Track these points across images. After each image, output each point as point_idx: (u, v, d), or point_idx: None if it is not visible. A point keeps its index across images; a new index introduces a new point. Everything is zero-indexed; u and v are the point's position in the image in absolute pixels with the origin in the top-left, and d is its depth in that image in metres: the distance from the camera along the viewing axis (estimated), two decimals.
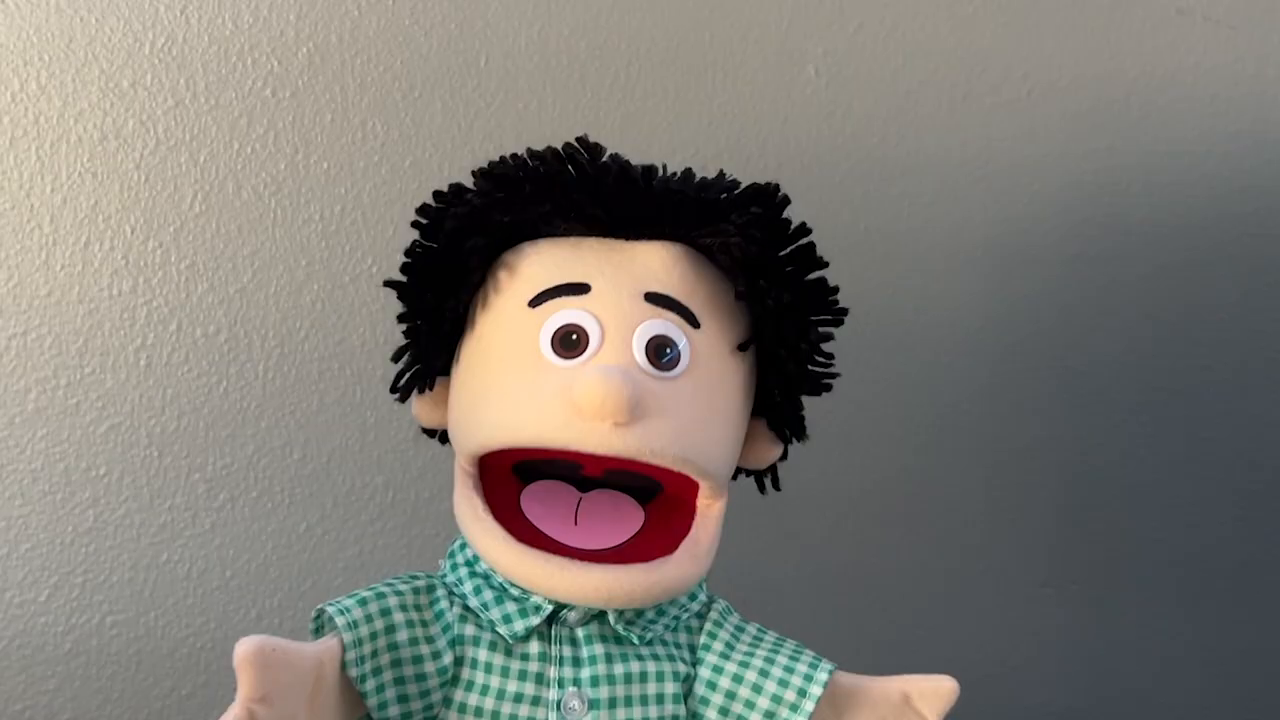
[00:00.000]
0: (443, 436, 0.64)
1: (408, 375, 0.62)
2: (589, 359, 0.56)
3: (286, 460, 0.88)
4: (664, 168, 0.60)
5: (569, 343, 0.56)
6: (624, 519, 0.58)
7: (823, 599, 0.94)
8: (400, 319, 0.62)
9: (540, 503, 0.58)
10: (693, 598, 0.61)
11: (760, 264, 0.58)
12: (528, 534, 0.56)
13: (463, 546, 0.60)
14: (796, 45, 0.93)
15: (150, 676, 0.87)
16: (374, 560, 0.89)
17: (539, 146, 0.60)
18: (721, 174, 0.60)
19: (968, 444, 0.96)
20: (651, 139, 0.90)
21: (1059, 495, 0.98)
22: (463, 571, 0.59)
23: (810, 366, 0.61)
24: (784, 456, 0.64)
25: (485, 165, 0.60)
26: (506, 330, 0.58)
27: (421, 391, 0.61)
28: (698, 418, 0.57)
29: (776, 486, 0.64)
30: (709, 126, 0.92)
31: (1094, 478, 0.98)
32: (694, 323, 0.57)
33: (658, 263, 0.58)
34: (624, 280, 0.57)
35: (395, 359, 0.62)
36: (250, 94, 0.86)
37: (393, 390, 0.62)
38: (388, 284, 0.61)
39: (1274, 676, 1.01)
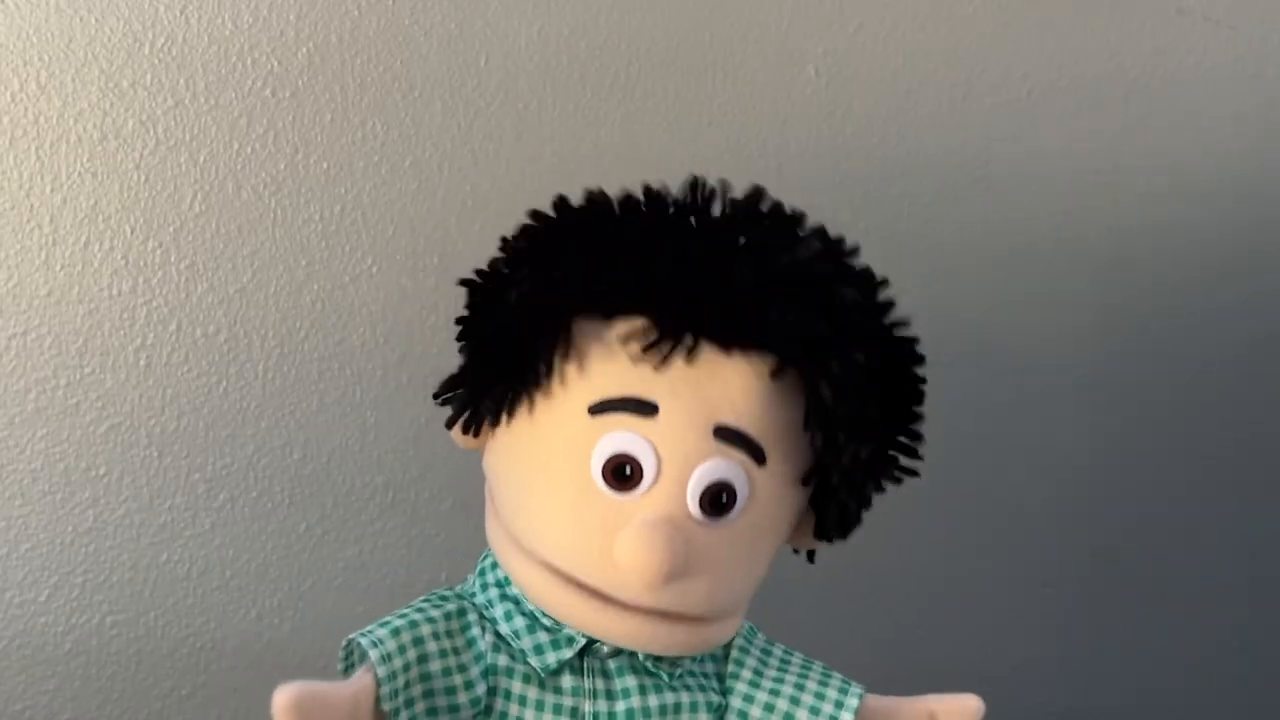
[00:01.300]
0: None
1: (459, 415, 0.57)
2: (640, 497, 0.53)
3: (286, 460, 0.88)
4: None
5: (621, 475, 0.53)
6: None
7: (823, 599, 0.94)
8: (467, 351, 0.57)
9: None
10: None
11: (867, 398, 0.54)
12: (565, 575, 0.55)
13: (494, 565, 0.59)
14: (796, 45, 0.93)
15: (150, 676, 0.87)
16: (374, 560, 0.89)
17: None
18: (832, 259, 0.56)
19: (967, 444, 0.96)
20: (651, 139, 0.90)
21: (1059, 495, 0.98)
22: (493, 593, 0.58)
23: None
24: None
25: (573, 209, 0.55)
26: (562, 435, 0.54)
27: (465, 433, 0.57)
28: (738, 569, 0.55)
29: (811, 560, 0.63)
30: (709, 126, 0.92)
31: (1093, 478, 0.98)
32: (761, 460, 0.54)
33: (739, 389, 0.53)
34: (695, 406, 0.53)
35: (446, 387, 0.57)
36: (250, 94, 0.86)
37: (436, 397, 0.58)
38: (459, 323, 0.56)
39: (1274, 676, 1.01)
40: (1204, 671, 1.00)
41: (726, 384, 0.53)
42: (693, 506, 0.53)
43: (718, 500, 0.53)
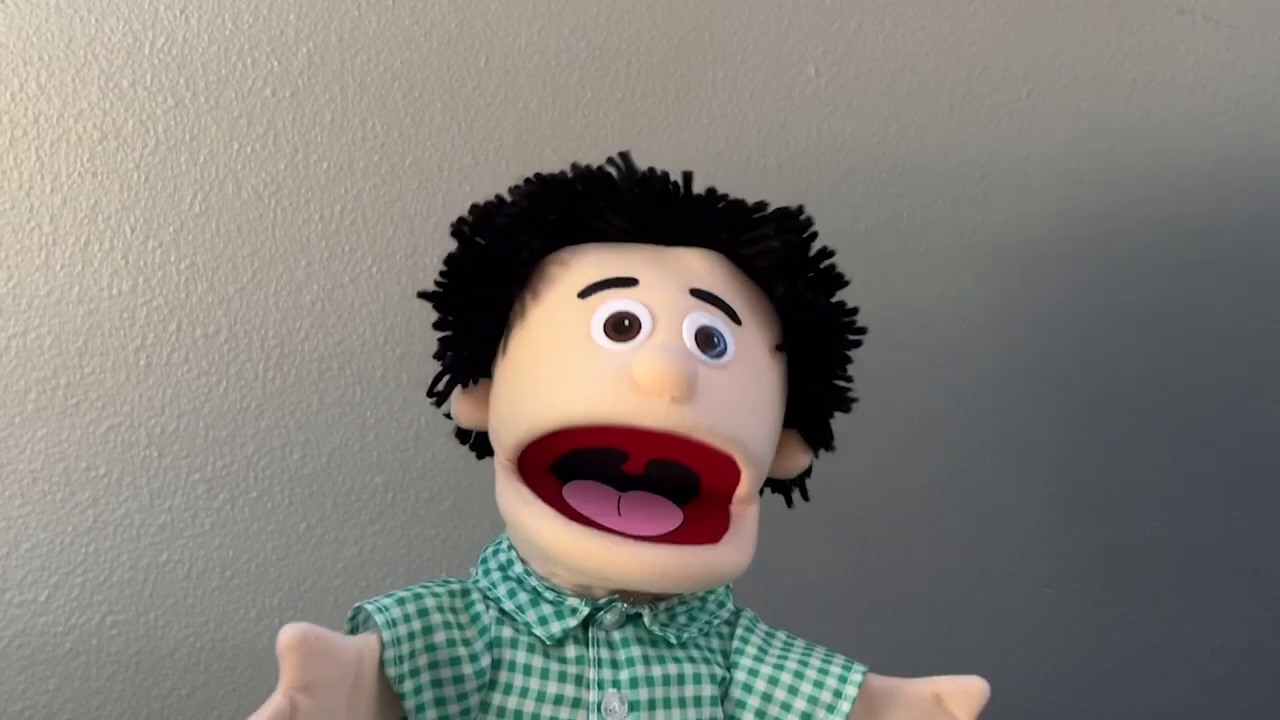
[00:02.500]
0: (475, 442, 0.65)
1: (450, 372, 0.61)
2: (642, 342, 0.56)
3: (286, 460, 0.88)
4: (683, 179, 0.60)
5: (621, 327, 0.57)
6: (664, 516, 0.58)
7: (823, 599, 0.94)
8: (437, 325, 0.61)
9: (581, 499, 0.57)
10: (721, 605, 0.61)
11: (797, 270, 0.59)
12: (578, 521, 0.56)
13: (495, 553, 0.60)
14: (796, 45, 0.93)
15: (150, 676, 0.87)
16: (374, 560, 0.89)
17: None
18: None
19: (968, 444, 0.96)
20: (651, 139, 0.90)
21: (1061, 495, 0.98)
22: (495, 576, 0.59)
23: (835, 381, 0.62)
24: (809, 471, 0.64)
25: (530, 176, 0.61)
26: (557, 319, 0.58)
27: (466, 385, 0.61)
28: (746, 403, 0.57)
29: (805, 497, 0.65)
30: (709, 126, 0.92)
31: (1094, 478, 0.98)
32: (736, 320, 0.59)
33: (701, 265, 0.60)
34: (670, 277, 0.58)
35: (437, 356, 0.61)
36: (250, 94, 0.86)
37: (431, 393, 0.62)
38: (422, 295, 0.60)
39: (1274, 676, 1.01)
40: (1205, 671, 1.00)
41: (690, 264, 0.60)
42: (690, 343, 0.57)
43: (710, 340, 0.57)
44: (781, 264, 0.59)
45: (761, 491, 0.63)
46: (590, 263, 0.59)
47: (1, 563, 0.85)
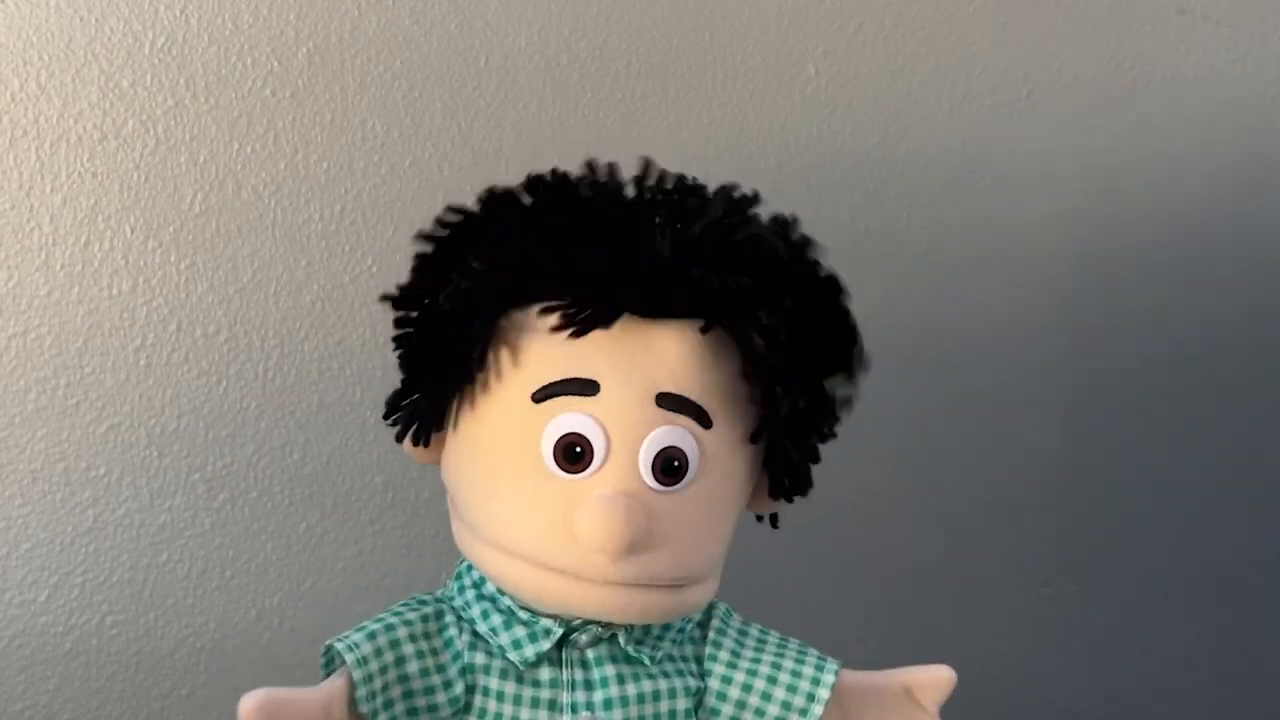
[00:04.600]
0: None
1: (407, 428, 0.59)
2: (593, 474, 0.53)
3: (286, 460, 0.88)
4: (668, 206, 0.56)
5: (573, 455, 0.53)
6: None
7: (823, 599, 0.94)
8: (405, 383, 0.59)
9: None
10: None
11: (794, 349, 0.55)
12: None
13: (469, 568, 0.60)
14: (796, 45, 0.93)
15: (150, 676, 0.87)
16: (374, 560, 0.89)
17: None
18: (741, 216, 0.56)
19: (968, 443, 0.96)
20: (651, 139, 0.90)
21: (1059, 495, 0.98)
22: (470, 595, 0.59)
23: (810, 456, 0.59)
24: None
25: (486, 203, 0.56)
26: (509, 426, 0.55)
27: (415, 445, 0.59)
28: (700, 533, 0.56)
29: (775, 525, 0.63)
30: (709, 126, 0.92)
31: (1094, 477, 0.98)
32: (706, 423, 0.55)
33: (674, 355, 0.54)
34: (635, 378, 0.54)
35: (391, 406, 0.59)
36: (250, 94, 0.86)
37: (387, 419, 0.60)
38: (396, 344, 0.58)
39: (1274, 677, 1.01)
40: (1204, 671, 1.00)
41: (661, 353, 0.54)
42: (646, 476, 0.54)
43: (670, 467, 0.54)
44: (767, 360, 0.54)
45: None
46: (546, 353, 0.54)
47: (1, 563, 0.85)
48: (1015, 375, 0.97)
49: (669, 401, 0.54)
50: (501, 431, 0.55)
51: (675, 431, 0.54)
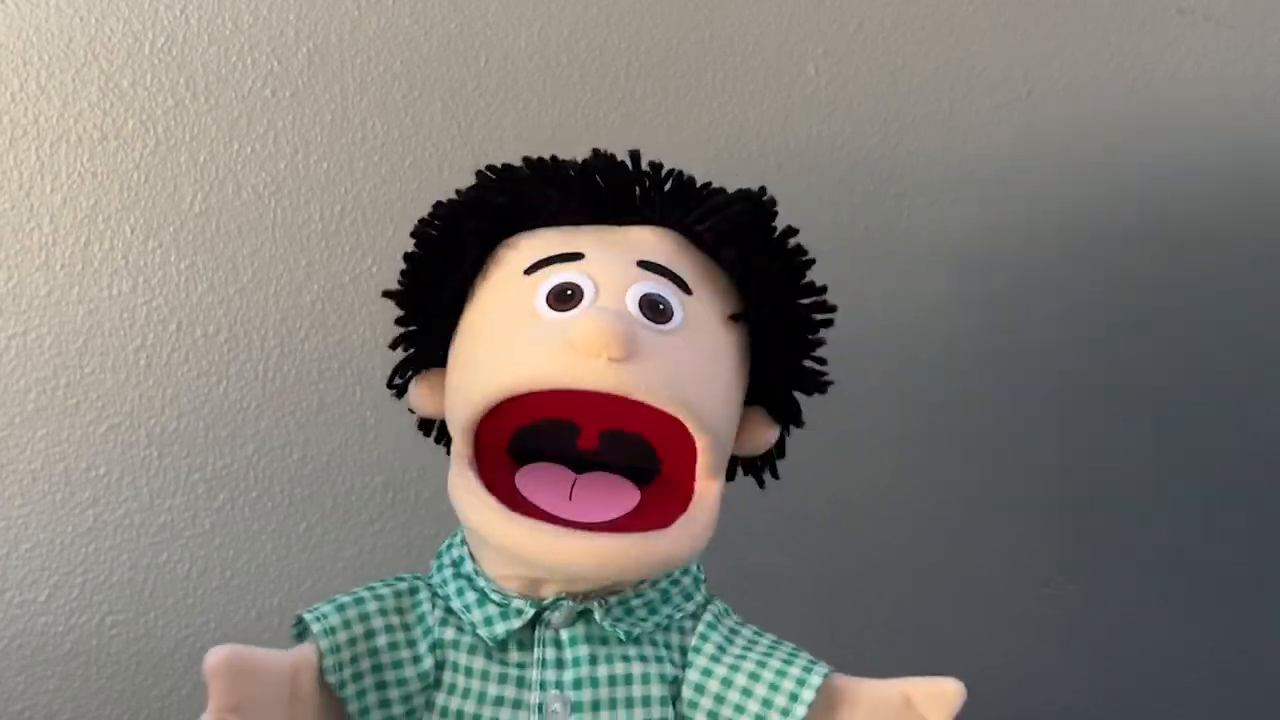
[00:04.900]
0: (439, 432, 0.64)
1: (404, 361, 0.62)
2: (584, 308, 0.56)
3: (286, 460, 0.88)
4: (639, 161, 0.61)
5: (564, 297, 0.57)
6: (619, 499, 0.57)
7: (822, 599, 0.94)
8: (398, 321, 0.62)
9: (534, 483, 0.57)
10: (688, 598, 0.60)
11: (749, 239, 0.59)
12: (524, 508, 0.56)
13: (449, 547, 0.61)
14: (796, 45, 0.93)
15: (150, 676, 0.87)
16: (374, 560, 0.89)
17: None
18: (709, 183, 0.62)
19: (967, 443, 0.96)
20: (651, 139, 0.90)
21: (1059, 494, 0.98)
22: (448, 573, 0.60)
23: (804, 362, 0.61)
24: (781, 451, 0.64)
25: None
26: (503, 296, 0.58)
27: (418, 371, 0.62)
28: (694, 367, 0.57)
29: (775, 475, 0.64)
30: (709, 126, 0.92)
31: (1094, 477, 0.98)
32: (686, 289, 0.58)
33: (651, 239, 0.59)
34: (617, 252, 0.58)
35: (393, 346, 0.62)
36: (250, 94, 0.86)
37: (390, 384, 0.63)
38: (387, 294, 0.62)
39: (1274, 677, 1.01)
40: (1206, 671, 1.00)
41: (640, 239, 0.60)
42: (633, 310, 0.56)
43: (655, 306, 0.57)
44: (733, 233, 0.59)
45: (732, 476, 0.63)
46: (538, 243, 0.59)
47: (1, 563, 0.85)
48: (1014, 374, 0.97)
49: (650, 266, 0.58)
50: (496, 300, 0.59)
51: (658, 284, 0.57)
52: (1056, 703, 0.99)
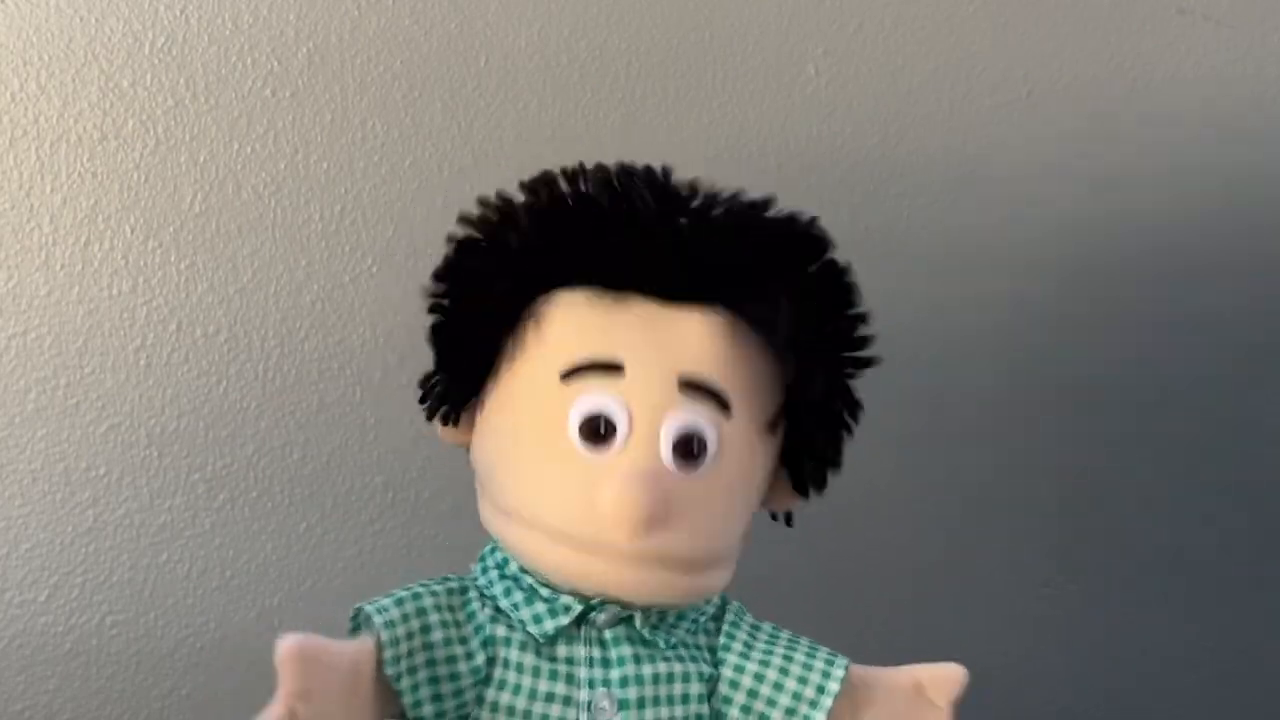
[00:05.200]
0: None
1: (437, 407, 0.61)
2: (616, 453, 0.56)
3: (286, 460, 0.88)
4: (693, 202, 0.58)
5: (596, 434, 0.56)
6: None
7: (822, 599, 0.94)
8: (437, 364, 0.61)
9: None
10: (709, 601, 0.62)
11: (819, 338, 0.58)
12: None
13: (493, 551, 0.61)
14: (796, 45, 0.93)
15: (150, 676, 0.87)
16: (374, 560, 0.89)
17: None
18: (762, 210, 0.58)
19: (968, 444, 0.96)
20: (651, 139, 0.90)
21: (1060, 495, 0.98)
22: (493, 574, 0.60)
23: (832, 446, 0.61)
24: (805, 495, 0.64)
25: (523, 196, 0.58)
26: (537, 404, 0.57)
27: (445, 424, 0.61)
28: (717, 517, 0.58)
29: (789, 524, 0.65)
30: (709, 126, 0.92)
31: (1094, 477, 0.98)
32: (726, 409, 0.57)
33: (695, 339, 0.57)
34: (658, 360, 0.56)
35: (423, 385, 0.61)
36: (250, 94, 0.86)
37: (421, 401, 0.62)
38: (430, 341, 0.61)
39: (1274, 677, 1.01)
40: (1206, 671, 1.00)
41: (685, 337, 0.57)
42: (666, 457, 0.56)
43: (689, 449, 0.56)
44: (800, 339, 0.57)
45: None
46: (574, 333, 0.57)
47: (1, 563, 0.85)
48: (1015, 375, 0.97)
49: (691, 387, 0.56)
50: (529, 409, 0.58)
51: (695, 416, 0.56)
52: (1056, 703, 0.99)
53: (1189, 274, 0.98)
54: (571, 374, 0.57)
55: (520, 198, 0.59)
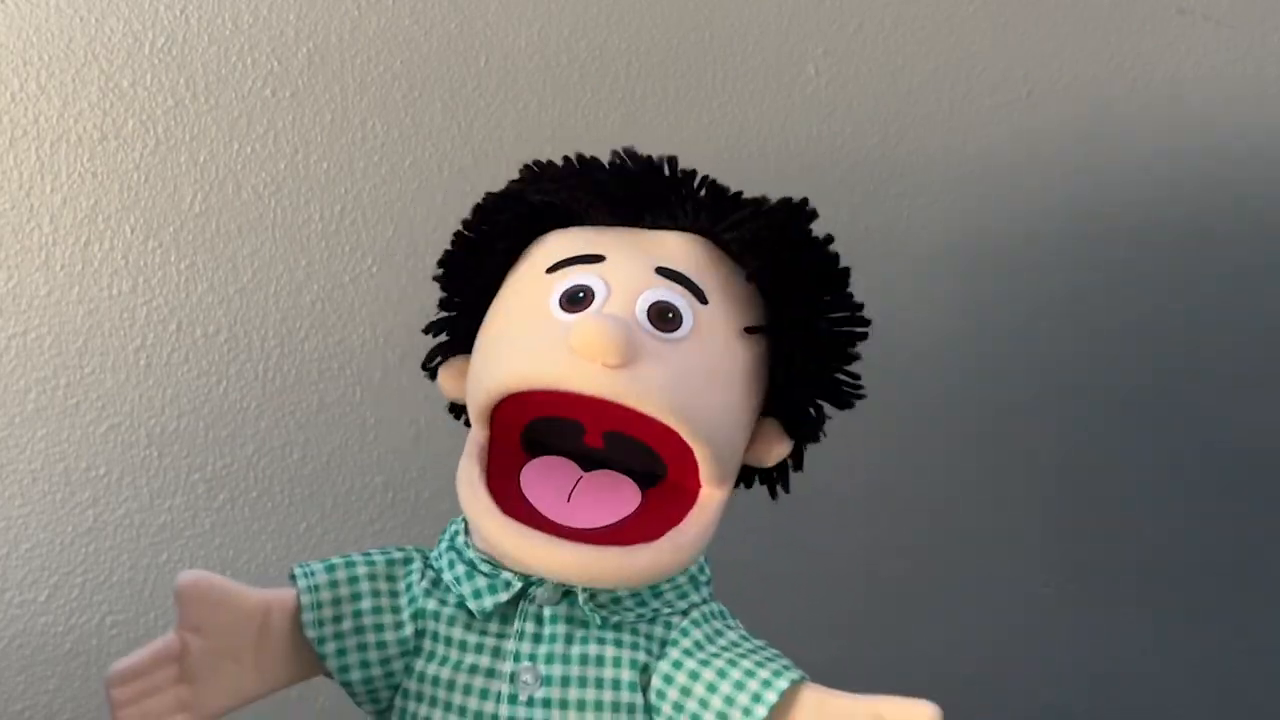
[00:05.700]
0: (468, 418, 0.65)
1: (438, 346, 0.64)
2: (592, 311, 0.57)
3: (286, 460, 0.88)
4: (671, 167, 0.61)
5: (575, 299, 0.57)
6: (620, 501, 0.58)
7: (822, 599, 0.94)
8: (439, 304, 0.64)
9: (539, 478, 0.59)
10: (682, 596, 0.61)
11: (775, 249, 0.59)
12: (518, 507, 0.57)
13: (452, 522, 0.63)
14: (796, 45, 0.93)
15: None
16: None
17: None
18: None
19: (967, 444, 0.96)
20: (651, 139, 0.90)
21: (1059, 495, 0.98)
22: (444, 545, 0.62)
23: (831, 375, 0.62)
24: (799, 463, 0.64)
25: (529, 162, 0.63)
26: (523, 292, 0.60)
27: (448, 357, 0.63)
28: (694, 377, 0.57)
29: (786, 489, 0.64)
30: (709, 126, 0.92)
31: (1094, 478, 0.98)
32: (702, 299, 0.58)
33: (676, 246, 0.59)
34: (639, 255, 0.59)
35: (427, 331, 0.64)
36: (250, 94, 0.86)
37: (424, 366, 0.64)
38: (436, 279, 0.63)
39: (1274, 677, 1.01)
40: (1205, 671, 1.00)
41: (663, 245, 0.60)
42: (641, 317, 0.57)
43: (664, 315, 0.57)
44: (757, 242, 0.59)
45: (749, 483, 0.64)
46: (565, 242, 0.60)
47: (1, 563, 0.85)
48: (1015, 375, 0.97)
49: (668, 273, 0.58)
50: (517, 296, 0.60)
51: (671, 292, 0.58)
52: (1055, 703, 0.99)
53: (1189, 274, 0.98)
54: (557, 266, 0.59)
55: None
